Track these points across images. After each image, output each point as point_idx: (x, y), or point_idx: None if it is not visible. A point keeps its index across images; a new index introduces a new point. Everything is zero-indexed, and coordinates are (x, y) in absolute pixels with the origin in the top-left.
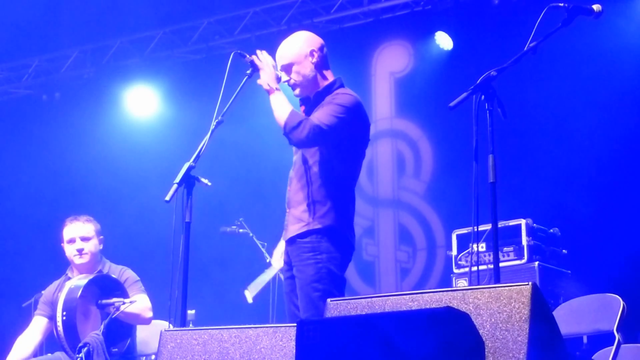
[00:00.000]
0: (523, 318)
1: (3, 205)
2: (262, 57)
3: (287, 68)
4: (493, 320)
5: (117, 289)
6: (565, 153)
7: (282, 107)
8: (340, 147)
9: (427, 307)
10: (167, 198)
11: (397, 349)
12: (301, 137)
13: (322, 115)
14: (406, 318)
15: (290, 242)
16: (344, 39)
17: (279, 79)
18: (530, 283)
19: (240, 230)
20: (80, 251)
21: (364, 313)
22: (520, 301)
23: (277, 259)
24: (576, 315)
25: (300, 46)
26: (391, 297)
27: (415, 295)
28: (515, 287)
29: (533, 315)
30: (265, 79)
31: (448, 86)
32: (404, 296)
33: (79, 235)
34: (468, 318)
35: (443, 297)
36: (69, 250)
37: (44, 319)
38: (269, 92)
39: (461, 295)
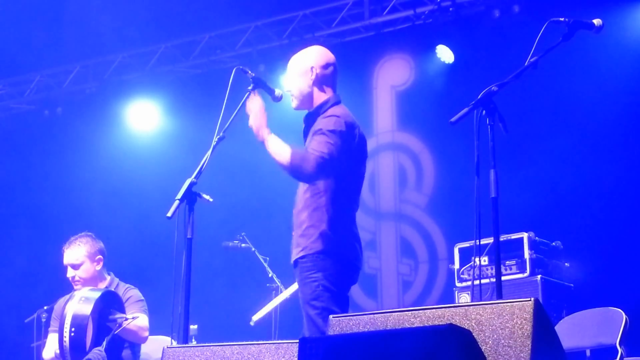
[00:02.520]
0: (525, 334)
1: (5, 219)
2: (250, 103)
3: (290, 79)
4: (495, 336)
5: (118, 306)
6: (567, 166)
7: (280, 149)
8: (336, 171)
9: (430, 323)
10: (169, 214)
11: None
12: (309, 172)
13: (318, 145)
14: (408, 335)
15: (294, 265)
16: (345, 53)
17: (277, 99)
18: (532, 299)
19: (243, 245)
20: (72, 279)
21: (366, 329)
22: (523, 317)
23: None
24: (579, 329)
25: (304, 61)
26: (393, 314)
27: (417, 312)
28: (517, 303)
29: (535, 331)
30: (255, 124)
31: (449, 99)
32: (406, 312)
33: (69, 264)
34: (470, 335)
35: (445, 314)
36: (69, 275)
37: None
38: (259, 139)
39: (463, 311)
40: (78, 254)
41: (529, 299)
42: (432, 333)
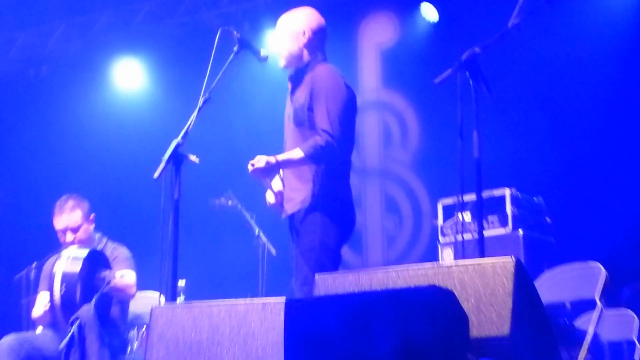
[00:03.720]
0: (507, 292)
1: None
2: (255, 165)
3: (280, 38)
4: (478, 295)
5: (105, 264)
6: (548, 125)
7: (292, 156)
8: (339, 124)
9: (414, 282)
10: (156, 175)
11: (383, 328)
12: (328, 155)
13: (324, 120)
14: (391, 298)
15: (290, 218)
16: (329, 12)
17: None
18: (513, 258)
19: (229, 202)
20: (72, 242)
21: (351, 289)
22: (504, 276)
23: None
24: (560, 283)
25: (298, 22)
26: (378, 273)
27: (401, 271)
28: (499, 262)
29: (516, 289)
30: (265, 169)
31: (434, 58)
32: (390, 272)
33: (69, 227)
34: (452, 295)
35: (428, 272)
36: (62, 239)
37: (47, 292)
38: (276, 169)
39: (446, 270)
40: (76, 217)
41: (510, 257)
42: (414, 295)
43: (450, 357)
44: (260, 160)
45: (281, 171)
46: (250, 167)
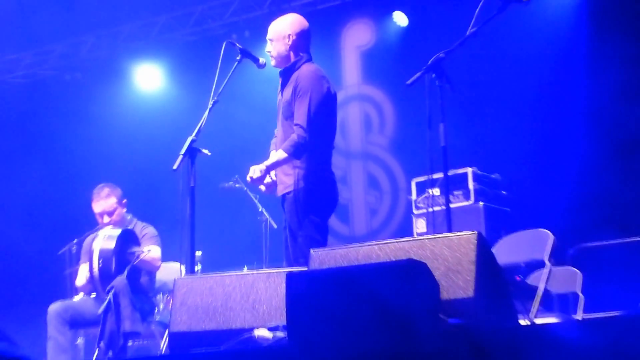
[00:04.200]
0: (470, 260)
1: (39, 169)
2: (253, 177)
3: (270, 41)
4: (446, 264)
5: (135, 241)
6: (503, 114)
7: (277, 157)
8: (313, 120)
9: (393, 255)
10: (175, 167)
11: (368, 296)
12: (303, 148)
13: (300, 116)
14: (374, 270)
15: (282, 198)
16: (317, 19)
17: (261, 66)
18: (475, 232)
19: (237, 185)
20: (108, 223)
21: (341, 262)
22: (468, 247)
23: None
24: (515, 247)
25: (283, 26)
26: (363, 247)
27: (382, 245)
28: (464, 235)
29: (478, 257)
30: (260, 177)
31: (406, 57)
32: (374, 246)
33: (104, 211)
34: (425, 266)
35: (405, 246)
36: (99, 220)
37: (87, 265)
38: (268, 171)
39: (420, 243)
40: (111, 202)
41: (473, 232)
42: (394, 267)
43: (425, 318)
44: (255, 171)
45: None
46: (249, 180)
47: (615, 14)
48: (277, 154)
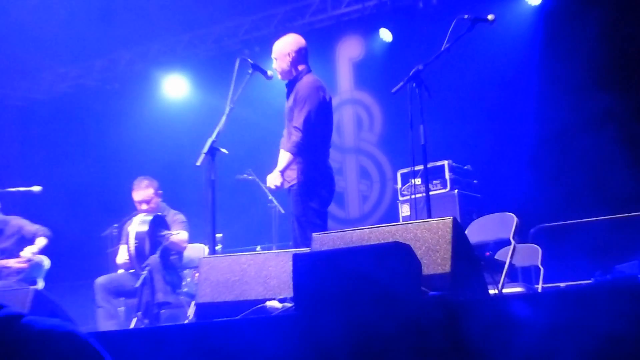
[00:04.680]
0: (447, 241)
1: (87, 164)
2: (276, 184)
3: (275, 59)
4: (427, 244)
5: (165, 226)
6: (473, 115)
7: (284, 158)
8: (309, 123)
9: (382, 237)
10: (198, 163)
11: (361, 273)
12: (301, 147)
13: (298, 119)
14: (366, 251)
15: (287, 191)
16: (315, 36)
17: (269, 77)
18: (451, 217)
19: (250, 177)
20: (145, 210)
21: (338, 244)
22: (445, 230)
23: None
24: (484, 228)
25: (284, 46)
26: (357, 231)
27: (373, 229)
28: (441, 220)
29: (454, 239)
30: (277, 177)
31: (390, 67)
32: (365, 230)
33: (143, 200)
34: (409, 247)
35: (392, 230)
36: (138, 207)
37: (126, 246)
38: (282, 174)
39: (404, 227)
40: (148, 192)
41: (449, 217)
42: (383, 249)
43: (409, 291)
44: (275, 179)
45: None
46: (273, 187)
47: (562, 32)
48: (283, 157)
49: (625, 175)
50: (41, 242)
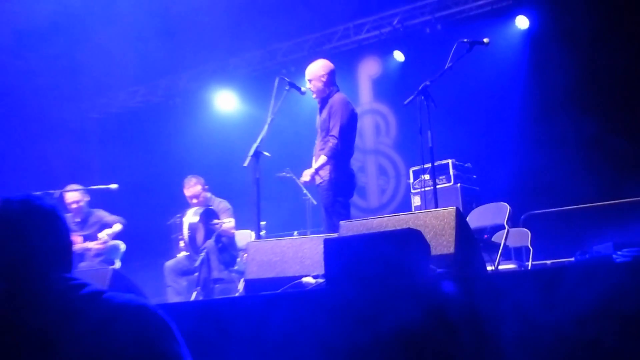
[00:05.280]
0: (451, 227)
1: (152, 167)
2: (308, 178)
3: (309, 80)
4: (435, 230)
5: (215, 216)
6: (472, 123)
7: (323, 161)
8: (342, 132)
9: (397, 224)
10: (245, 164)
11: (380, 254)
12: (337, 152)
13: (334, 129)
14: (385, 236)
15: (317, 186)
16: (341, 58)
17: (302, 93)
18: (454, 207)
19: (288, 175)
20: (195, 204)
21: (361, 231)
22: (450, 218)
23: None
24: (482, 215)
25: (317, 70)
26: (376, 219)
27: (390, 217)
28: (446, 209)
29: (457, 225)
30: (311, 174)
31: (402, 83)
32: (384, 218)
33: (193, 195)
34: (420, 233)
35: (405, 218)
36: (189, 201)
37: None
38: (317, 172)
39: (416, 216)
40: (197, 188)
41: (452, 207)
42: (398, 234)
43: (420, 269)
44: (308, 175)
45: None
46: (306, 180)
47: (545, 50)
48: (320, 159)
49: (598, 173)
50: (116, 227)
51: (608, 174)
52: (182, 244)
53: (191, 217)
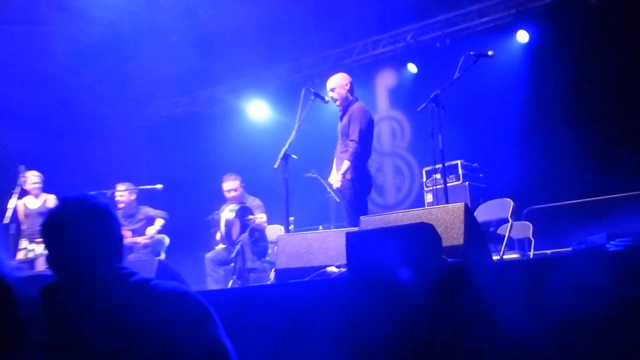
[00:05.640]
0: (460, 221)
1: (193, 166)
2: (333, 182)
3: (332, 90)
4: (445, 224)
5: (249, 212)
6: (478, 128)
7: (347, 165)
8: (361, 136)
9: (412, 219)
10: (275, 166)
11: (397, 246)
12: (358, 155)
13: (354, 134)
14: (400, 229)
15: (340, 187)
16: (360, 70)
17: (326, 102)
18: (463, 203)
19: (313, 175)
20: (232, 198)
21: (379, 225)
22: (459, 213)
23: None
24: (488, 210)
25: (340, 80)
26: (392, 214)
27: (405, 213)
28: (456, 205)
29: (465, 219)
30: (339, 180)
31: (415, 92)
32: (399, 213)
33: (231, 189)
34: (432, 226)
35: (419, 213)
36: (227, 196)
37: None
38: (343, 176)
39: (429, 211)
40: (235, 183)
41: (461, 203)
42: (412, 228)
43: (433, 258)
44: (337, 181)
45: (334, 166)
46: (336, 186)
47: (543, 61)
48: (344, 164)
49: (592, 171)
50: (159, 222)
51: (601, 172)
52: (218, 236)
53: (228, 213)
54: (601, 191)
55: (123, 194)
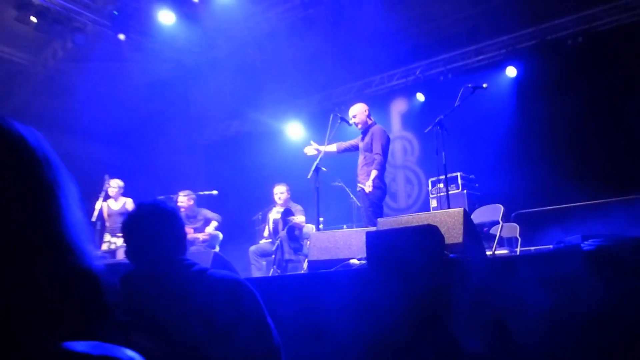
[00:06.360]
0: (460, 222)
1: (242, 176)
2: (366, 188)
3: (354, 117)
4: (447, 226)
5: (290, 214)
6: (475, 144)
7: (375, 175)
8: (383, 151)
9: (420, 221)
10: (309, 177)
11: (408, 243)
12: (382, 165)
13: (377, 148)
14: (409, 230)
15: (361, 191)
16: (378, 99)
17: (349, 125)
18: (462, 208)
19: (339, 184)
20: (278, 201)
21: (393, 225)
22: (459, 216)
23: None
24: (483, 214)
25: (360, 108)
26: (404, 217)
27: (414, 215)
28: (456, 210)
29: (464, 221)
30: (369, 186)
31: (423, 117)
32: (410, 216)
33: (280, 192)
34: (437, 228)
35: (426, 216)
36: (275, 199)
37: (266, 226)
38: (373, 184)
39: (434, 215)
40: (284, 189)
41: (461, 208)
42: (420, 229)
43: (436, 254)
44: (369, 187)
45: (359, 173)
46: (370, 190)
47: (529, 91)
48: (373, 173)
49: (569, 182)
50: (215, 223)
51: (576, 183)
52: (266, 232)
53: (275, 214)
54: (577, 199)
55: (183, 199)
